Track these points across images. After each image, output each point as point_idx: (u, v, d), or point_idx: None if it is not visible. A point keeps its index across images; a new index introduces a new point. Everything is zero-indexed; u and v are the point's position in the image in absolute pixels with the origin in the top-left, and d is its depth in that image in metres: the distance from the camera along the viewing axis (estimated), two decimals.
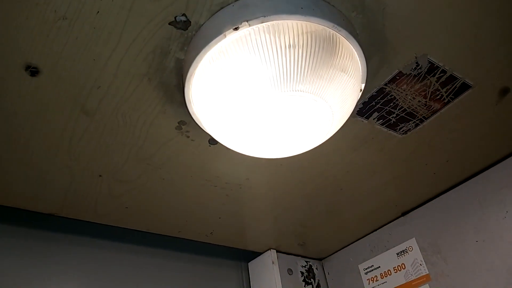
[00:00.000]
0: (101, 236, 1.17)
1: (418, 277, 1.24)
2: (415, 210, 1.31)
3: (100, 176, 0.92)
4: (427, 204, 1.28)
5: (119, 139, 0.83)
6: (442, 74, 0.81)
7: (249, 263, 1.48)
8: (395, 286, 1.30)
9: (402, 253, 1.31)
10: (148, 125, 0.81)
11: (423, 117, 0.92)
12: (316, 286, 1.49)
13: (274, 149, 0.76)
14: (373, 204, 1.25)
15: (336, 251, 1.55)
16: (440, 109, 0.90)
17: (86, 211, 1.04)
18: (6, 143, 0.79)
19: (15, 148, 0.80)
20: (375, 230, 1.42)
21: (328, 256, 1.58)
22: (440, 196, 1.25)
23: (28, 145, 0.80)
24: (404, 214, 1.34)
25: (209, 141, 0.88)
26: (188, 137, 0.86)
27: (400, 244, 1.32)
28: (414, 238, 1.28)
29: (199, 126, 0.79)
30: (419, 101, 0.87)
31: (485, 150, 1.07)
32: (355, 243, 1.49)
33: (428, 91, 0.85)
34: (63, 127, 0.78)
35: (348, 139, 0.95)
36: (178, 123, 0.82)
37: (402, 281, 1.28)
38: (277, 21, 0.58)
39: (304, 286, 1.44)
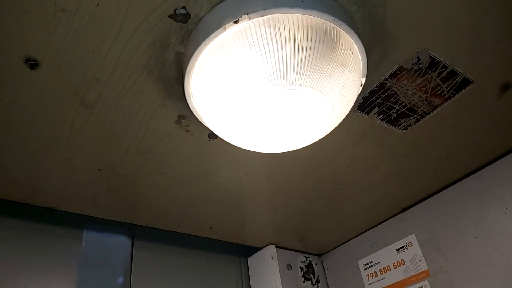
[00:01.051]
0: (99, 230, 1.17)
1: (417, 272, 1.24)
2: (415, 206, 1.31)
3: (99, 170, 0.92)
4: (427, 200, 1.28)
5: (118, 132, 0.83)
6: (443, 70, 0.81)
7: (248, 258, 1.48)
8: (395, 282, 1.30)
9: (402, 249, 1.31)
10: (148, 119, 0.81)
11: (424, 112, 0.91)
12: (316, 282, 1.49)
13: (274, 144, 0.76)
14: (373, 200, 1.25)
15: (336, 247, 1.55)
16: (441, 104, 0.90)
17: (86, 205, 1.04)
18: (6, 135, 0.79)
19: (14, 140, 0.80)
20: (375, 226, 1.42)
21: (327, 252, 1.58)
22: (440, 192, 1.24)
23: (27, 138, 0.80)
24: (404, 210, 1.34)
25: (208, 135, 0.88)
26: (187, 131, 0.86)
27: (399, 240, 1.32)
28: (413, 234, 1.28)
29: (198, 120, 0.79)
30: (419, 97, 0.87)
31: (486, 146, 1.07)
32: (355, 239, 1.49)
33: (429, 86, 0.85)
34: (63, 120, 0.77)
35: (348, 134, 0.95)
36: (178, 117, 0.82)
37: (402, 277, 1.28)
38: (277, 14, 0.57)
39: (304, 282, 1.45)
